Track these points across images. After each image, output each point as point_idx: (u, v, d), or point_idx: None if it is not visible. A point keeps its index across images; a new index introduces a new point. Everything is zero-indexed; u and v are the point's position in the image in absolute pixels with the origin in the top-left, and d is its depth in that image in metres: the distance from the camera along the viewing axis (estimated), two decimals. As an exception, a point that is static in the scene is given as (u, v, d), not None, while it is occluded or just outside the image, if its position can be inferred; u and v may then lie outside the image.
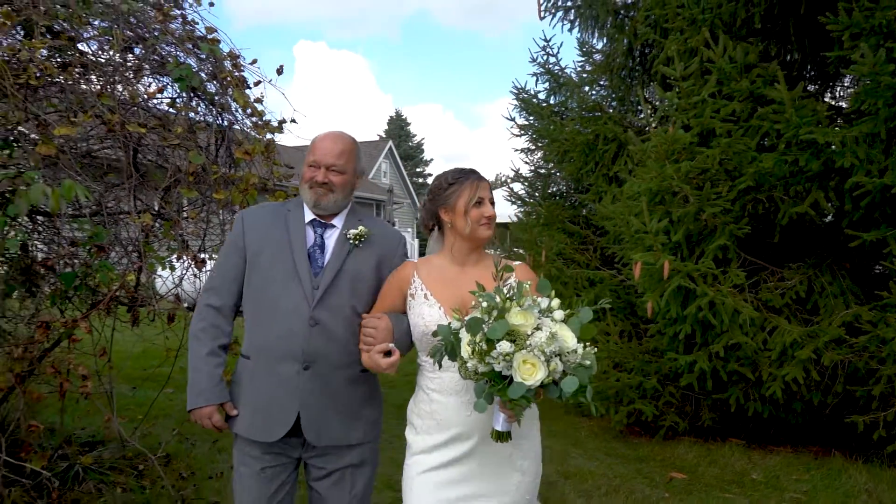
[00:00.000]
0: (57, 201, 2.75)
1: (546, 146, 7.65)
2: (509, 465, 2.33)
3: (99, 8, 3.86)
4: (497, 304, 2.05)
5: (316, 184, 2.44)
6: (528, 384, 1.97)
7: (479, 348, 2.01)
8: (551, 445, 5.39)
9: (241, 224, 2.54)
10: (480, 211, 2.37)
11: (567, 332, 2.05)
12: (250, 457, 2.51)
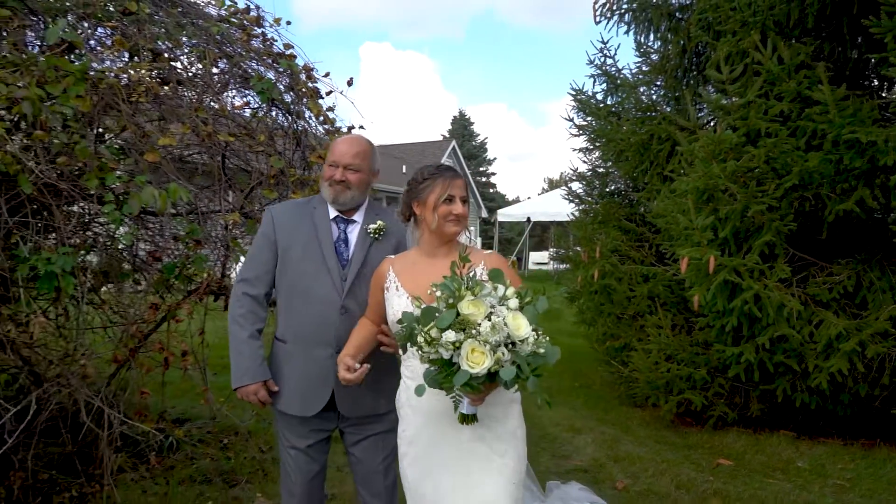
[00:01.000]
0: (164, 202, 3.22)
1: (603, 146, 7.86)
2: (487, 449, 2.37)
3: (191, 30, 4.35)
4: (452, 293, 2.11)
5: (334, 181, 2.75)
6: (473, 372, 2.02)
7: (429, 336, 2.07)
8: (603, 432, 5.68)
9: (272, 220, 2.84)
10: (449, 208, 2.45)
11: (521, 320, 2.08)
12: (295, 435, 2.84)
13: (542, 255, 31.12)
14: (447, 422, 2.36)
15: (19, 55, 3.28)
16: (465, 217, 2.51)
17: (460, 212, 2.48)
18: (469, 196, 2.57)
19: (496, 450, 2.40)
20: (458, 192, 2.49)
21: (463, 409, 2.25)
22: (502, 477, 2.37)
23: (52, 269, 2.99)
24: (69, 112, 3.23)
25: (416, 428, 2.48)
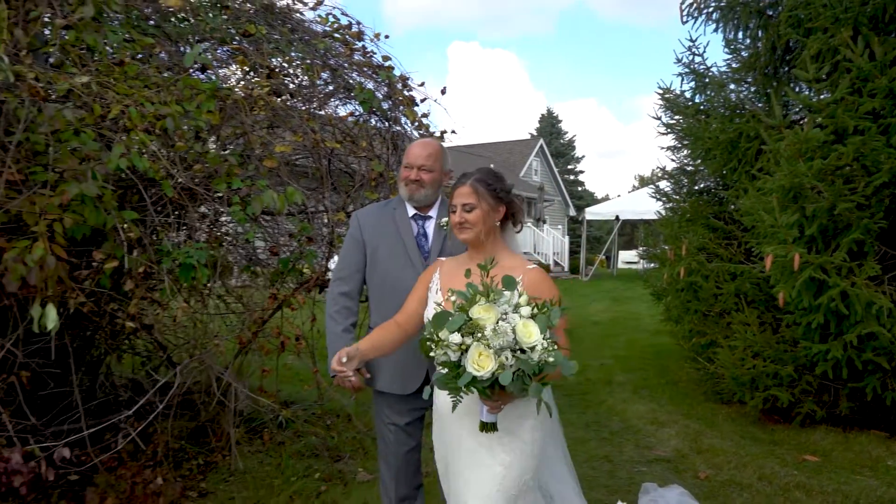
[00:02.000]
0: (282, 203, 3.66)
1: (690, 144, 7.88)
2: (490, 456, 2.44)
3: (300, 46, 4.80)
4: (467, 298, 2.20)
5: (410, 181, 3.08)
6: (477, 375, 2.09)
7: (437, 338, 2.16)
8: (687, 425, 5.79)
9: (358, 224, 3.18)
10: (453, 217, 2.58)
11: (532, 328, 2.12)
12: (395, 413, 3.15)
13: (631, 253, 30.68)
14: (457, 424, 2.48)
15: (161, 77, 3.80)
16: (472, 223, 2.55)
17: (457, 220, 2.56)
18: (479, 201, 2.56)
19: (500, 460, 2.44)
20: (460, 200, 2.56)
21: (482, 416, 2.33)
22: (497, 484, 2.43)
23: (190, 261, 3.47)
24: (202, 125, 3.71)
25: (435, 427, 2.66)
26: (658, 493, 3.73)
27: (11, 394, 3.28)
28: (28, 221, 3.06)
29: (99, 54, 3.64)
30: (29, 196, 3.03)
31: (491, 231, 2.59)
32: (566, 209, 37.44)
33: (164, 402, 3.46)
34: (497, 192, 2.59)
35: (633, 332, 11.10)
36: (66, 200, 3.01)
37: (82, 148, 3.20)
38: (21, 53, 3.20)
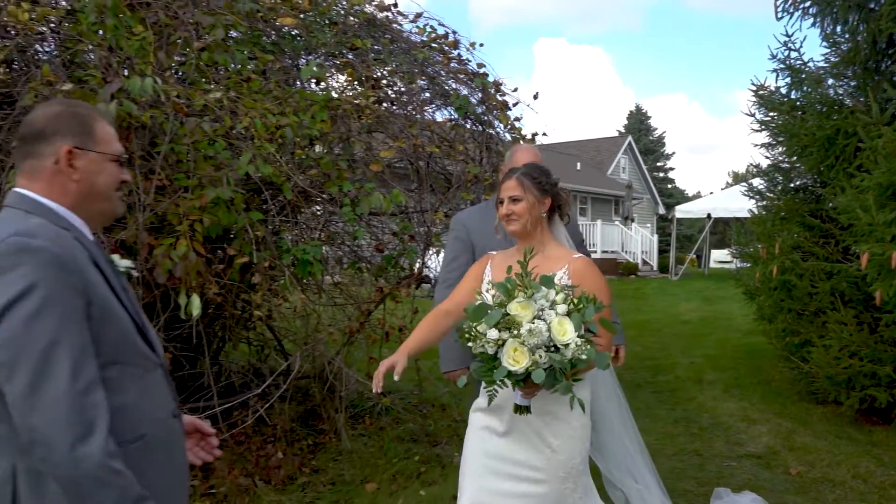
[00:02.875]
0: (388, 204, 3.98)
1: (786, 141, 7.76)
2: (540, 440, 2.56)
3: (401, 57, 5.13)
4: (506, 292, 2.27)
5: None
6: (512, 369, 2.17)
7: (475, 332, 2.25)
8: (779, 424, 5.79)
9: (464, 227, 3.38)
10: (500, 209, 2.69)
11: (567, 325, 2.19)
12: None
13: (723, 252, 29.80)
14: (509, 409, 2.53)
15: (280, 89, 4.20)
16: (519, 214, 2.65)
17: (504, 212, 2.67)
18: (525, 193, 2.65)
19: (549, 443, 2.57)
20: (507, 193, 2.67)
21: (516, 399, 2.42)
22: (549, 467, 2.57)
23: (307, 257, 3.84)
24: (316, 133, 4.08)
25: (480, 411, 2.72)
26: (731, 498, 3.74)
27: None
28: (172, 221, 3.50)
29: (227, 71, 4.07)
30: (174, 199, 3.47)
31: (538, 222, 2.68)
32: (655, 207, 36.72)
33: (287, 384, 3.85)
34: (542, 185, 2.69)
35: (725, 332, 10.95)
36: (204, 203, 3.43)
37: (216, 156, 3.63)
38: (166, 73, 3.65)
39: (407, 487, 4.28)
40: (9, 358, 1.43)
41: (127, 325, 1.64)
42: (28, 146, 1.64)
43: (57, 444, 1.41)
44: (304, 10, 4.77)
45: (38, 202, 1.60)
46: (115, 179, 1.72)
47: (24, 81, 3.81)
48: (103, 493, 1.45)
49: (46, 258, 1.47)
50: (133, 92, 3.19)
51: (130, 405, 1.61)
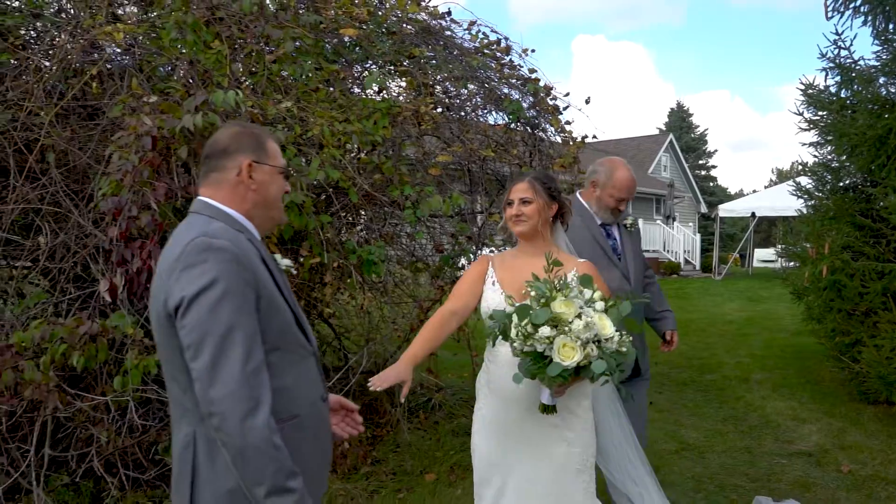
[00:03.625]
0: (448, 207, 4.16)
1: (835, 140, 7.73)
2: (556, 435, 2.65)
3: (456, 64, 5.29)
4: (544, 293, 2.35)
5: (618, 210, 3.54)
6: (565, 365, 2.26)
7: (525, 331, 2.31)
8: (829, 423, 5.82)
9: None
10: (509, 210, 2.77)
11: (606, 321, 2.31)
12: None
13: (767, 252, 29.35)
14: (525, 405, 2.64)
15: (344, 98, 4.41)
16: (528, 215, 2.74)
17: (512, 213, 2.76)
18: (536, 196, 2.74)
19: (566, 437, 2.67)
20: (517, 195, 2.76)
21: (545, 399, 2.50)
22: (567, 460, 2.67)
23: (372, 257, 4.04)
24: (379, 139, 4.28)
25: (493, 408, 2.76)
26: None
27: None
28: (249, 224, 3.73)
29: (296, 82, 4.29)
30: (251, 203, 3.69)
31: (545, 225, 2.78)
32: (697, 206, 36.28)
33: (354, 378, 4.06)
34: (551, 191, 2.79)
35: (771, 332, 10.88)
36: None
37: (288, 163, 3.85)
38: (242, 85, 3.88)
39: (465, 478, 4.45)
40: (195, 339, 1.68)
41: (288, 316, 1.89)
42: (213, 161, 1.92)
43: (230, 415, 1.64)
44: (363, 20, 4.97)
45: (219, 209, 1.88)
46: (282, 189, 1.99)
47: (110, 94, 4.10)
48: (263, 463, 1.66)
49: (227, 256, 1.73)
50: (216, 104, 3.42)
51: (288, 387, 1.85)
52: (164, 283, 1.77)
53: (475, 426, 2.85)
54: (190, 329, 1.69)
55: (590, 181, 3.60)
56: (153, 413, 3.76)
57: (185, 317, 1.70)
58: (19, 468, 3.74)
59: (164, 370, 1.89)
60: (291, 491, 1.70)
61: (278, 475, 1.68)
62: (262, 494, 1.68)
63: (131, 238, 3.41)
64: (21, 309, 3.76)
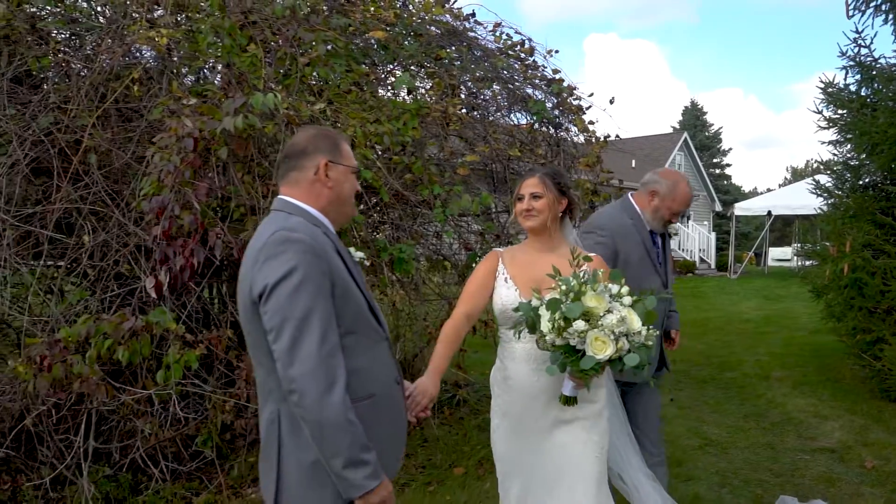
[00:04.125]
0: (476, 206, 4.25)
1: (855, 138, 7.74)
2: (577, 425, 2.68)
3: (482, 66, 5.38)
4: (573, 287, 2.38)
5: (670, 222, 3.67)
6: (598, 358, 2.31)
7: (558, 325, 2.35)
8: (852, 420, 5.85)
9: (611, 233, 3.54)
10: (520, 205, 2.77)
11: (634, 315, 2.36)
12: None
13: (783, 251, 29.23)
14: (544, 399, 2.67)
15: (374, 99, 4.50)
16: (539, 210, 2.74)
17: (522, 208, 2.76)
18: (546, 191, 2.74)
19: (584, 426, 2.69)
20: (529, 189, 2.76)
21: (567, 391, 2.55)
22: (588, 449, 2.68)
23: (402, 255, 4.13)
24: (408, 140, 4.37)
25: (513, 404, 2.76)
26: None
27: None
28: (285, 223, 3.83)
29: (327, 84, 4.39)
30: (287, 203, 3.79)
31: (554, 220, 2.78)
32: (712, 204, 36.14)
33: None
34: (561, 186, 2.79)
35: (790, 331, 10.88)
36: (315, 206, 3.74)
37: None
38: (278, 87, 3.98)
39: (493, 472, 4.47)
40: (276, 323, 1.83)
41: (361, 303, 2.02)
42: (292, 161, 2.08)
43: (308, 392, 1.80)
44: (390, 23, 5.06)
45: (297, 206, 2.04)
46: (354, 188, 2.14)
47: (149, 96, 4.21)
48: (339, 437, 1.81)
49: (304, 247, 1.88)
50: (256, 106, 3.52)
51: (363, 369, 1.99)
52: (248, 272, 1.92)
53: (494, 422, 2.86)
54: (272, 314, 1.84)
55: (649, 190, 3.60)
56: (193, 406, 3.87)
57: (268, 303, 1.85)
58: (62, 460, 3.86)
59: (250, 354, 2.05)
60: (366, 463, 1.84)
61: (353, 448, 1.82)
62: (340, 466, 1.83)
63: (173, 237, 3.52)
64: (65, 306, 3.88)
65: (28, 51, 4.17)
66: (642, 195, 3.64)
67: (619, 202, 3.77)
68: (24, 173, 3.92)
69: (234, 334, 3.88)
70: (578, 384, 2.52)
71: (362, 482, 1.85)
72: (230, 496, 4.17)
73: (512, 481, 2.81)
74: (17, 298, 4.19)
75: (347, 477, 1.84)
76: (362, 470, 1.84)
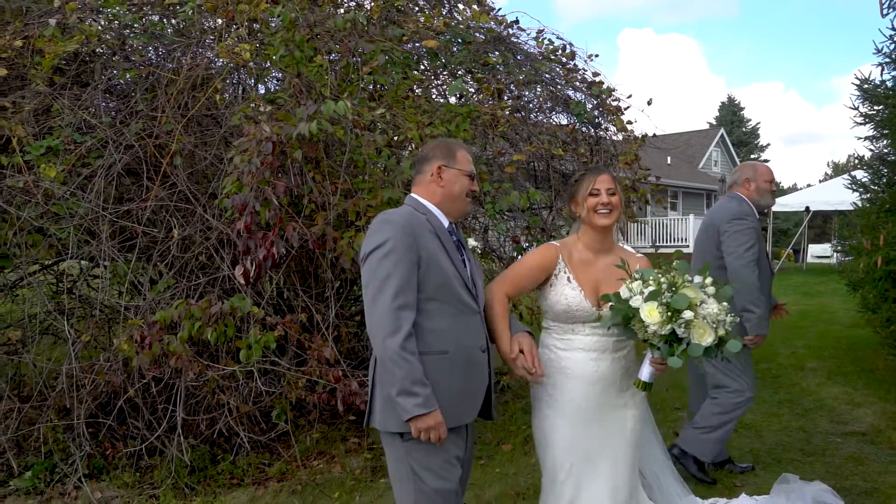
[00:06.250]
0: (525, 202, 4.60)
1: (891, 134, 7.89)
2: (628, 414, 2.83)
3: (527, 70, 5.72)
4: (671, 280, 2.54)
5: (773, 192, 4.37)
6: (704, 344, 2.48)
7: (667, 316, 2.48)
8: (884, 407, 6.08)
9: (755, 220, 4.25)
10: (597, 199, 2.73)
11: (717, 303, 2.56)
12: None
13: (822, 247, 28.91)
14: (601, 387, 2.79)
15: (428, 104, 4.88)
16: (615, 206, 2.77)
17: (606, 201, 2.74)
18: (617, 188, 2.80)
19: (633, 415, 2.85)
20: (604, 185, 2.76)
21: (646, 377, 2.69)
22: (634, 435, 2.86)
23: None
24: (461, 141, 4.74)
25: (572, 393, 2.79)
26: (798, 484, 3.85)
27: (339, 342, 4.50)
28: (352, 217, 4.23)
29: (386, 90, 4.78)
30: (353, 200, 4.19)
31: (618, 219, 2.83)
32: (748, 200, 35.86)
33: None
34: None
35: (826, 325, 11.00)
36: (379, 202, 4.14)
37: (384, 163, 4.34)
38: (343, 95, 4.39)
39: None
40: (366, 280, 2.42)
41: (448, 276, 2.48)
42: (418, 166, 2.64)
43: (377, 334, 2.36)
44: (440, 31, 5.44)
45: (414, 198, 2.63)
46: (466, 188, 2.60)
47: (225, 105, 4.65)
48: (395, 370, 2.32)
49: (396, 226, 2.43)
50: (327, 112, 3.92)
51: (441, 329, 2.46)
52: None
53: (546, 412, 2.84)
54: (364, 273, 2.43)
55: (742, 182, 4.36)
56: (268, 383, 4.29)
57: (364, 265, 2.45)
58: (152, 432, 4.32)
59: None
60: (415, 395, 2.31)
61: (405, 381, 2.30)
62: (395, 394, 2.33)
63: (254, 230, 3.93)
64: (155, 293, 4.34)
65: (119, 64, 4.64)
66: (744, 189, 4.33)
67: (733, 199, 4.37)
68: (119, 174, 4.39)
69: (306, 318, 4.29)
70: (658, 370, 2.65)
71: (412, 409, 2.31)
72: (297, 467, 4.60)
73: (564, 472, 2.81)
74: (113, 286, 4.67)
75: (400, 402, 2.32)
76: (413, 399, 2.30)
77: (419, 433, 2.35)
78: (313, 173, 4.22)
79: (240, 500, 4.20)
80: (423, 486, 2.47)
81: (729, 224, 4.20)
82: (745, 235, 4.15)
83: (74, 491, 4.17)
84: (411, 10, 5.79)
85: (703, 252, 4.44)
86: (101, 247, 4.23)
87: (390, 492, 4.31)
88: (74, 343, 4.18)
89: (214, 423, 4.28)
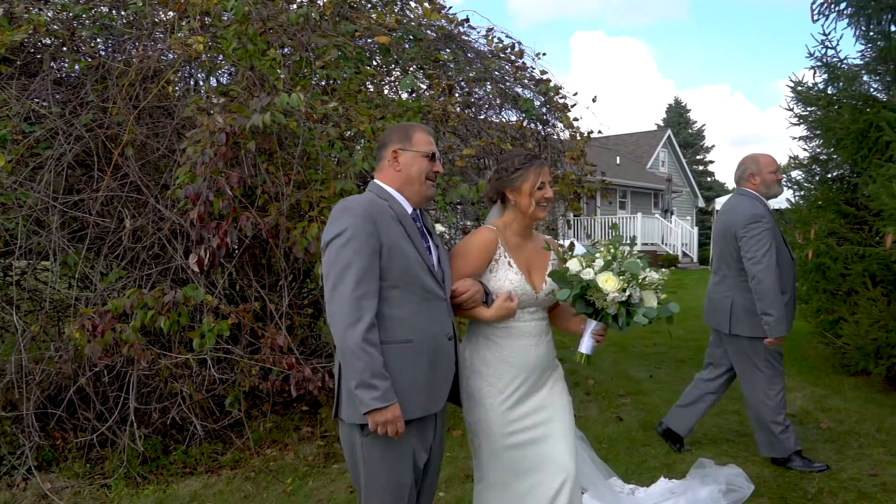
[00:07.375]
0: (475, 194, 4.74)
1: (822, 134, 8.31)
2: (559, 379, 2.89)
3: (477, 67, 5.88)
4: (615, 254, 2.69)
5: (779, 182, 4.58)
6: (655, 307, 2.65)
7: (625, 281, 2.61)
8: (813, 391, 6.42)
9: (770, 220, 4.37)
10: (542, 193, 2.73)
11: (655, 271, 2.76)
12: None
13: (764, 244, 29.85)
14: (538, 369, 2.80)
15: (380, 98, 4.99)
16: (552, 201, 3.06)
17: (550, 195, 2.80)
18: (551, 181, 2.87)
19: (563, 388, 2.91)
20: (547, 178, 2.80)
21: (588, 350, 2.78)
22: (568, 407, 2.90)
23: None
24: (411, 135, 4.86)
25: (511, 378, 2.75)
26: (712, 469, 4.04)
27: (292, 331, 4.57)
28: (305, 208, 4.31)
29: (338, 84, 4.87)
30: (307, 191, 4.28)
31: None
32: (694, 200, 36.90)
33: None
34: None
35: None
36: (332, 193, 4.23)
37: (336, 155, 4.43)
38: (296, 88, 4.46)
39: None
40: (326, 270, 2.37)
41: (411, 262, 2.43)
42: (377, 152, 2.62)
43: (337, 325, 2.31)
44: (392, 28, 5.55)
45: (376, 184, 2.58)
46: (425, 170, 2.56)
47: (177, 96, 4.67)
48: (355, 362, 2.27)
49: (355, 213, 2.38)
50: (280, 104, 4.00)
51: (404, 317, 2.42)
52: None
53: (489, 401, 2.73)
54: (325, 262, 2.39)
55: (747, 174, 4.57)
56: (221, 371, 4.34)
57: (324, 254, 2.41)
58: (103, 422, 4.32)
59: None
60: (374, 388, 2.26)
61: (365, 373, 2.26)
62: (353, 387, 2.29)
63: (207, 220, 3.98)
64: (107, 284, 4.34)
65: (68, 55, 4.63)
66: (750, 184, 4.53)
67: (744, 197, 4.58)
68: (69, 165, 4.37)
69: (259, 307, 4.36)
70: (598, 341, 2.74)
71: (370, 402, 2.25)
72: (251, 455, 4.66)
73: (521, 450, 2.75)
74: (63, 277, 4.65)
75: (359, 395, 2.27)
76: (371, 392, 2.25)
77: (377, 426, 2.30)
78: (266, 165, 4.29)
79: (192, 487, 4.24)
80: (376, 479, 2.43)
81: (745, 229, 4.35)
82: (761, 239, 4.30)
83: (23, 482, 4.15)
84: (363, 7, 5.89)
85: (722, 255, 4.67)
86: (51, 237, 4.22)
87: (343, 477, 4.44)
88: (24, 333, 4.16)
89: (167, 413, 4.30)
